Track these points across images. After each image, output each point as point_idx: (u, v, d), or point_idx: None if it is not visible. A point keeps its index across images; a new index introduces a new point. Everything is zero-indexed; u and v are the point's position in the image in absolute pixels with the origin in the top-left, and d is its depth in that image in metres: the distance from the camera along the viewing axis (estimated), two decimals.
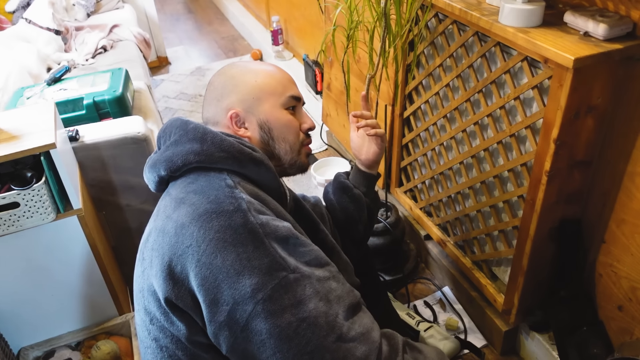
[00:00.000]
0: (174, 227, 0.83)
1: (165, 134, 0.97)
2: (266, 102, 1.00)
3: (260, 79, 1.01)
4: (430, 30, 1.46)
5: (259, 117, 0.99)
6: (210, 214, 0.81)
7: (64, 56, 2.68)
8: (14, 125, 1.30)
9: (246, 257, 0.77)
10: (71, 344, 1.56)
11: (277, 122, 1.00)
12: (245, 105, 0.99)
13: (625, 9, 1.04)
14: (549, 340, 1.40)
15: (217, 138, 0.90)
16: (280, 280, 0.77)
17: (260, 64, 1.05)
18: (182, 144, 0.91)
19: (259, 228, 0.80)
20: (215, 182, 0.86)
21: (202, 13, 4.71)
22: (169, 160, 0.91)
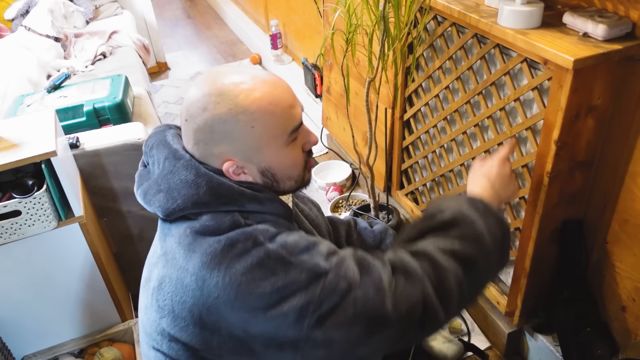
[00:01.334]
0: (194, 280, 0.78)
1: (152, 155, 0.89)
2: (267, 148, 0.84)
3: (259, 123, 0.81)
4: (429, 33, 1.46)
5: (259, 165, 0.86)
6: (230, 258, 0.77)
7: (64, 63, 2.68)
8: (14, 134, 1.31)
9: (282, 284, 0.76)
10: (74, 351, 1.55)
11: (281, 166, 0.87)
12: (243, 156, 0.84)
13: (624, 9, 1.04)
14: (552, 341, 1.40)
15: (213, 182, 0.82)
16: (323, 286, 0.77)
17: (253, 84, 0.82)
18: (175, 186, 0.82)
19: (282, 251, 0.78)
20: (224, 223, 0.80)
21: (201, 18, 4.72)
22: (165, 208, 0.83)
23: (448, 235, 0.89)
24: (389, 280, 0.81)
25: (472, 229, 0.90)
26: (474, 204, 0.94)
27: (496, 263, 0.94)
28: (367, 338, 0.79)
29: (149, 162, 0.91)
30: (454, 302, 0.85)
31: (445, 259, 0.86)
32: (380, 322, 0.79)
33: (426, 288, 0.82)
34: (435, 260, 0.86)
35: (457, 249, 0.87)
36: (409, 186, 1.82)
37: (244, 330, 0.78)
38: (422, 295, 0.82)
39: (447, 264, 0.86)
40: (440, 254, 0.87)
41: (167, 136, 0.89)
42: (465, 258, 0.87)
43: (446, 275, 0.85)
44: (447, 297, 0.84)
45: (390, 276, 0.82)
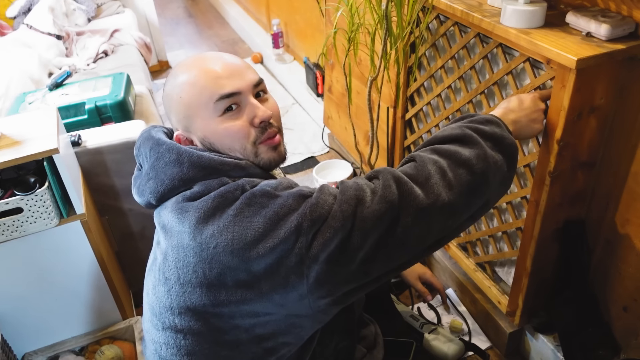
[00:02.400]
0: (191, 238, 0.82)
1: (141, 153, 0.94)
2: (197, 117, 0.90)
3: (185, 92, 0.90)
4: (431, 32, 1.46)
5: (197, 134, 0.91)
6: (222, 208, 0.81)
7: (65, 61, 2.69)
8: (16, 131, 1.31)
9: (273, 212, 0.79)
10: (75, 349, 1.56)
11: (215, 135, 0.90)
12: (182, 125, 0.93)
13: (627, 9, 1.04)
14: (553, 341, 1.40)
15: (194, 156, 0.86)
16: (312, 203, 0.80)
17: (192, 62, 0.92)
18: (161, 169, 0.88)
19: (267, 187, 0.82)
20: (210, 184, 0.85)
21: (203, 17, 4.72)
22: (155, 192, 0.88)
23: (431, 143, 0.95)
24: (364, 181, 0.86)
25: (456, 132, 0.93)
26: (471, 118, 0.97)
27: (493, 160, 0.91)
28: (362, 240, 0.80)
29: (140, 163, 0.95)
30: (435, 185, 0.85)
31: (423, 152, 0.91)
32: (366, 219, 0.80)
33: (395, 172, 0.86)
34: (413, 155, 0.91)
35: (436, 146, 0.92)
36: None
37: (248, 272, 0.79)
38: (393, 178, 0.84)
39: (424, 155, 0.90)
40: (419, 152, 0.92)
41: (151, 131, 0.95)
42: (446, 150, 0.90)
43: (423, 163, 0.87)
44: (425, 179, 0.85)
45: (365, 180, 0.87)
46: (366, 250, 0.80)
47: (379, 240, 0.81)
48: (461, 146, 0.90)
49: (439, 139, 0.94)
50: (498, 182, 0.92)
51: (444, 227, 0.87)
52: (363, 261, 0.81)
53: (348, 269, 0.80)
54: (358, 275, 0.82)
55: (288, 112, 3.02)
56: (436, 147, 0.92)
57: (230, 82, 0.89)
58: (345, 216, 0.79)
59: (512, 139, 0.95)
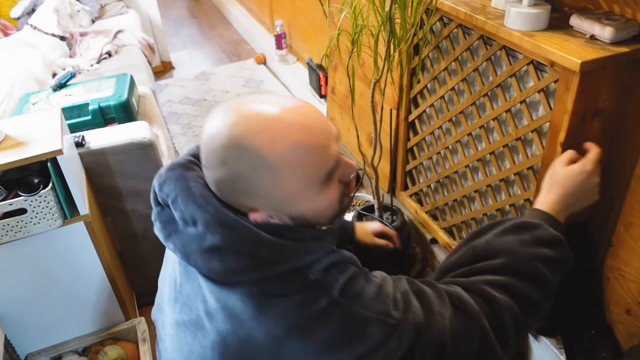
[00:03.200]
0: (267, 342, 0.75)
1: (177, 207, 0.78)
2: (298, 199, 0.76)
3: (286, 178, 0.73)
4: (435, 34, 1.46)
5: (290, 213, 0.78)
6: (307, 323, 0.75)
7: (69, 62, 2.69)
8: (20, 132, 1.31)
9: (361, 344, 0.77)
10: (78, 349, 1.56)
11: (314, 212, 0.79)
12: (271, 208, 0.77)
13: (632, 12, 1.04)
14: (556, 344, 1.39)
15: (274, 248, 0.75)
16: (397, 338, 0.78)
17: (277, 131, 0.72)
18: (229, 254, 0.75)
19: (357, 306, 0.77)
20: (290, 278, 0.76)
21: (206, 17, 4.73)
22: (220, 275, 0.76)
23: (501, 273, 0.91)
24: (450, 316, 0.83)
25: (528, 266, 0.91)
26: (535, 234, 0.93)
27: (551, 290, 0.94)
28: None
29: (168, 204, 0.81)
30: (511, 336, 0.87)
31: (498, 293, 0.88)
32: None
33: (483, 324, 0.84)
34: (489, 295, 0.87)
35: (510, 284, 0.89)
36: (413, 187, 1.82)
37: None
38: (480, 331, 0.84)
39: (500, 298, 0.87)
40: (493, 289, 0.88)
41: (192, 187, 0.78)
42: (519, 293, 0.89)
43: (501, 310, 0.86)
44: (504, 332, 0.86)
45: (450, 311, 0.84)
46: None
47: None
48: (533, 287, 0.90)
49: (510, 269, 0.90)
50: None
51: None
52: None
53: None
54: None
55: None
56: (508, 285, 0.89)
57: (331, 151, 0.76)
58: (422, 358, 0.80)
59: (571, 255, 0.96)
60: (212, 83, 3.46)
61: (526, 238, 0.93)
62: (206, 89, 3.39)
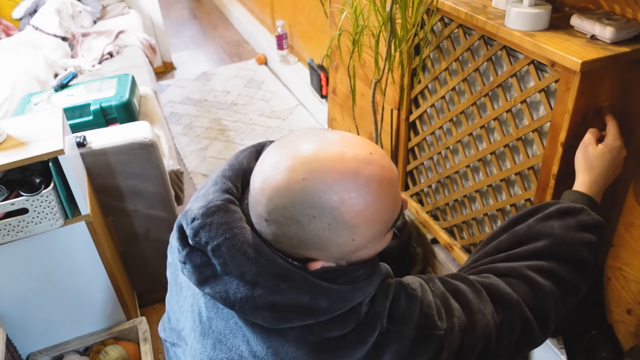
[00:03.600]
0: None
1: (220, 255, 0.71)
2: (365, 249, 0.74)
3: (361, 234, 0.70)
4: (435, 34, 1.46)
5: (351, 260, 0.75)
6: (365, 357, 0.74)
7: (71, 62, 2.70)
8: (22, 132, 1.31)
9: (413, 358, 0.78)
10: (79, 349, 1.56)
11: (373, 255, 0.77)
12: (335, 260, 0.73)
13: (632, 12, 1.04)
14: (557, 344, 1.39)
15: (333, 296, 0.71)
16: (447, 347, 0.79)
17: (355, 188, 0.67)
18: (283, 305, 0.69)
19: (405, 328, 0.77)
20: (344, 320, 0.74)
21: (207, 18, 4.73)
22: (269, 323, 0.71)
23: (544, 257, 0.91)
24: (490, 311, 0.83)
25: (572, 251, 0.91)
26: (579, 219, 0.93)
27: (590, 273, 0.94)
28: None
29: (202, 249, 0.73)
30: (552, 322, 0.88)
31: (541, 278, 0.88)
32: (487, 358, 0.83)
33: (524, 312, 0.85)
34: (531, 280, 0.88)
35: (553, 268, 0.89)
36: (414, 187, 1.82)
37: None
38: (522, 319, 0.85)
39: (543, 283, 0.88)
40: (537, 274, 0.88)
41: (239, 236, 0.71)
42: (562, 278, 0.89)
43: (544, 296, 0.87)
44: (545, 318, 0.87)
45: (490, 306, 0.84)
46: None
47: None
48: (577, 272, 0.91)
49: (555, 254, 0.90)
50: None
51: None
52: None
53: None
54: None
55: (292, 113, 3.02)
56: (552, 270, 0.89)
57: (399, 199, 0.75)
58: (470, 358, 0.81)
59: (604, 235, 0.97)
60: (213, 83, 3.47)
61: (571, 223, 0.93)
62: (207, 89, 3.39)
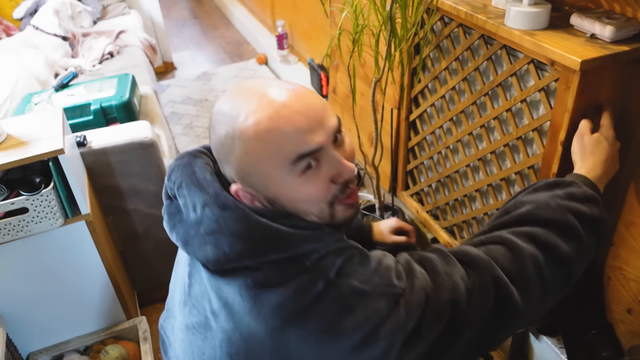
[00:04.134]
0: (267, 334, 0.73)
1: (182, 195, 0.78)
2: (268, 179, 0.74)
3: (252, 150, 0.72)
4: (435, 34, 1.46)
5: (264, 194, 0.76)
6: (305, 308, 0.72)
7: (71, 62, 2.70)
8: (22, 131, 1.31)
9: (364, 317, 0.72)
10: (79, 348, 1.56)
11: (290, 200, 0.76)
12: (245, 182, 0.76)
13: (632, 11, 1.04)
14: (557, 343, 1.39)
15: (269, 232, 0.73)
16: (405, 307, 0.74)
17: (257, 104, 0.72)
18: (225, 239, 0.73)
19: (355, 282, 0.74)
20: (285, 267, 0.74)
21: (208, 18, 4.73)
22: (215, 262, 0.75)
23: (526, 222, 0.86)
24: (460, 274, 0.78)
25: (557, 215, 0.85)
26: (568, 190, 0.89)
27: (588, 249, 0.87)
28: (449, 342, 0.77)
29: (176, 196, 0.81)
30: (534, 289, 0.81)
31: (521, 241, 0.83)
32: (458, 323, 0.77)
33: (495, 273, 0.79)
34: (510, 243, 0.83)
35: (535, 232, 0.84)
36: (414, 187, 1.82)
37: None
38: (493, 280, 0.79)
39: (523, 246, 0.82)
40: (516, 237, 0.83)
41: (197, 172, 0.79)
42: (546, 242, 0.83)
43: (523, 259, 0.81)
44: (525, 283, 0.80)
45: (459, 269, 0.79)
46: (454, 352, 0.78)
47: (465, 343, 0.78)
48: (561, 237, 0.84)
49: (537, 217, 0.86)
50: (585, 264, 0.88)
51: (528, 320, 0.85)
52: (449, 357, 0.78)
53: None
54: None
55: None
56: (535, 233, 0.84)
57: (312, 137, 0.72)
58: (438, 324, 0.75)
59: (607, 218, 0.90)
60: (213, 83, 3.47)
61: (558, 193, 0.89)
62: (208, 89, 3.39)
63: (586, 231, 0.86)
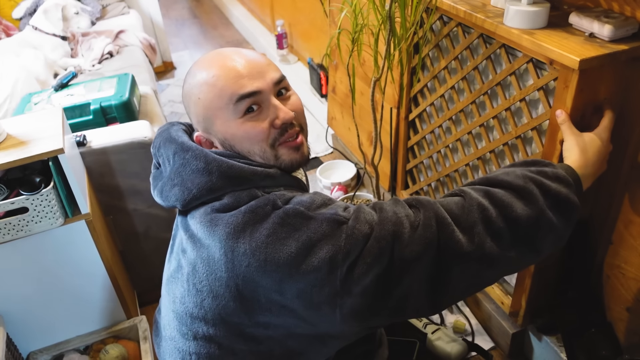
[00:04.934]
0: (222, 253, 0.80)
1: (161, 154, 0.92)
2: (217, 119, 0.88)
3: (203, 94, 0.87)
4: (435, 33, 1.46)
5: (217, 136, 0.89)
6: (253, 224, 0.79)
7: (71, 62, 2.70)
8: (22, 131, 1.32)
9: (307, 237, 0.77)
10: (80, 348, 1.56)
11: (234, 138, 0.88)
12: (202, 127, 0.91)
13: (631, 10, 1.04)
14: (557, 342, 1.40)
15: (223, 166, 0.84)
16: (347, 233, 0.78)
17: (210, 60, 0.90)
18: (188, 177, 0.85)
19: (300, 207, 0.80)
20: (239, 196, 0.83)
21: (207, 18, 4.73)
22: (182, 200, 0.85)
23: (486, 182, 0.90)
24: (406, 212, 0.83)
25: (517, 180, 0.87)
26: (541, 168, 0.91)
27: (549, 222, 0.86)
28: (398, 274, 0.79)
29: (159, 162, 0.94)
30: (478, 233, 0.82)
31: (475, 193, 0.86)
32: (404, 255, 0.79)
33: (438, 209, 0.83)
34: (463, 192, 0.88)
35: (491, 190, 0.86)
36: (413, 186, 1.83)
37: (280, 293, 0.79)
38: (435, 216, 0.82)
39: (475, 196, 0.86)
40: (472, 189, 0.88)
41: (172, 132, 0.92)
42: (500, 199, 0.85)
43: (471, 205, 0.84)
44: (470, 228, 0.82)
45: (406, 209, 0.84)
46: (402, 288, 0.79)
47: (414, 280, 0.79)
48: (518, 199, 0.85)
49: (498, 180, 0.89)
50: (550, 240, 0.88)
51: (481, 275, 0.85)
52: (398, 298, 0.80)
53: (382, 303, 0.79)
54: (392, 310, 0.81)
55: None
56: (491, 190, 0.87)
57: (250, 82, 0.85)
58: (381, 252, 0.77)
59: (577, 201, 0.89)
60: None
61: (531, 168, 0.91)
62: None
63: (548, 203, 0.86)
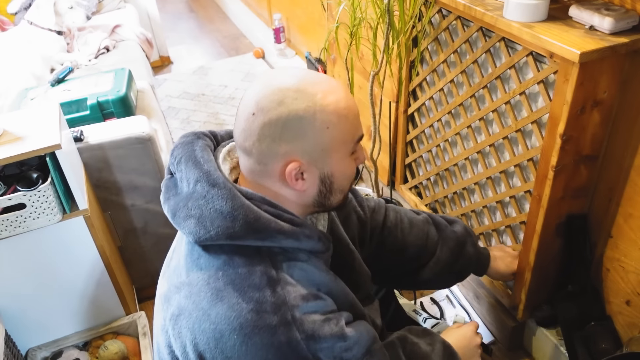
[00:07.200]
0: (212, 329, 0.78)
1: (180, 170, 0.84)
2: (335, 153, 0.81)
3: (333, 125, 0.78)
4: (434, 26, 1.46)
5: (322, 170, 0.81)
6: (253, 328, 0.76)
7: (67, 57, 2.68)
8: (18, 127, 1.31)
9: None
10: (79, 344, 1.56)
11: (341, 175, 0.84)
12: (311, 158, 0.79)
13: (631, 3, 1.03)
14: (556, 335, 1.40)
15: (250, 216, 0.77)
16: None
17: (329, 86, 0.79)
18: (208, 214, 0.78)
19: (303, 343, 0.78)
20: (255, 275, 0.78)
21: (204, 12, 4.71)
22: (194, 235, 0.79)
23: None
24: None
25: None
26: None
27: None
28: None
29: (175, 173, 0.87)
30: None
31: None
32: None
33: None
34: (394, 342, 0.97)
35: None
36: (412, 180, 1.82)
37: None
38: None
39: None
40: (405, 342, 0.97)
41: (197, 151, 0.84)
42: None
43: None
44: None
45: None
46: None
47: None
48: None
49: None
50: None
51: None
52: None
53: None
54: None
55: None
56: None
57: (360, 123, 0.85)
58: None
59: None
60: (210, 78, 3.45)
61: None
62: (205, 83, 3.38)
63: None
